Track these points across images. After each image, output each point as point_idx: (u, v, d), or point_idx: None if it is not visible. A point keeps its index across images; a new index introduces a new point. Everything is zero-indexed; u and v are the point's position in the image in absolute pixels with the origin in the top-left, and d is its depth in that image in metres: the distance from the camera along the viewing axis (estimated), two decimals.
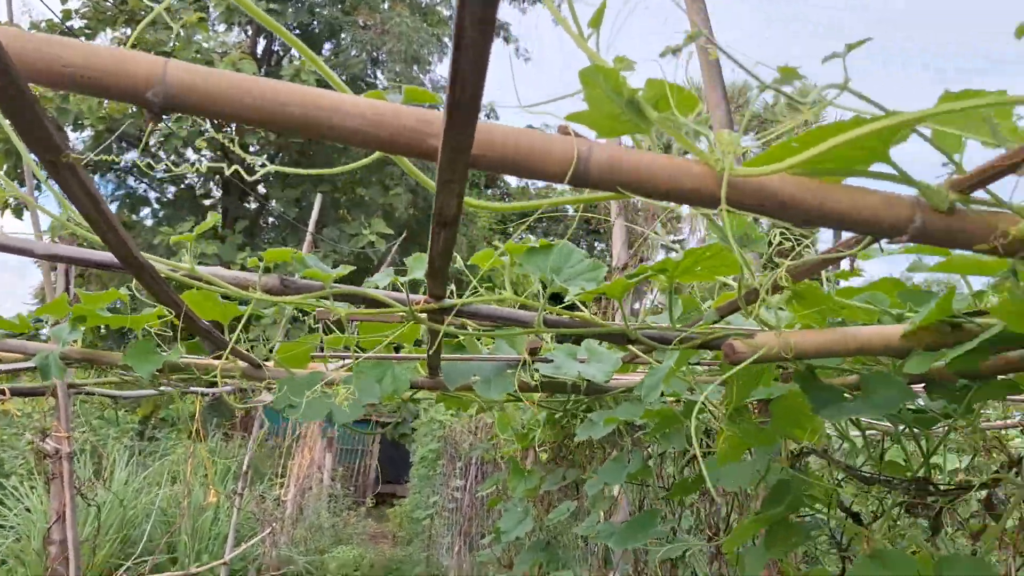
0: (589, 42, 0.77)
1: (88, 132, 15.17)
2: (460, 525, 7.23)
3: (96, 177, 18.85)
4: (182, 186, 19.07)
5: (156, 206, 18.92)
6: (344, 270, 1.09)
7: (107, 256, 0.91)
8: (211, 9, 16.12)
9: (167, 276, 0.98)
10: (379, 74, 17.94)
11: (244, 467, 5.76)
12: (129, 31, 16.45)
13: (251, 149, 16.84)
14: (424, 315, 1.05)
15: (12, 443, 7.52)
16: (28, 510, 5.97)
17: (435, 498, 9.09)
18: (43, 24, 16.51)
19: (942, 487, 1.27)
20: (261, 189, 18.78)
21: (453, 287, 1.10)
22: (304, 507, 8.85)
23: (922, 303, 1.09)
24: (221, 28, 17.42)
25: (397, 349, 1.70)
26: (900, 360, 1.08)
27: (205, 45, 14.74)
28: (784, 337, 1.03)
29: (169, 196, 19.16)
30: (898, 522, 1.34)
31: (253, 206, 19.40)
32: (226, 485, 6.97)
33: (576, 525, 3.84)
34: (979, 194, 0.75)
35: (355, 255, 14.71)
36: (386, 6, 17.77)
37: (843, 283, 1.30)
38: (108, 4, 16.54)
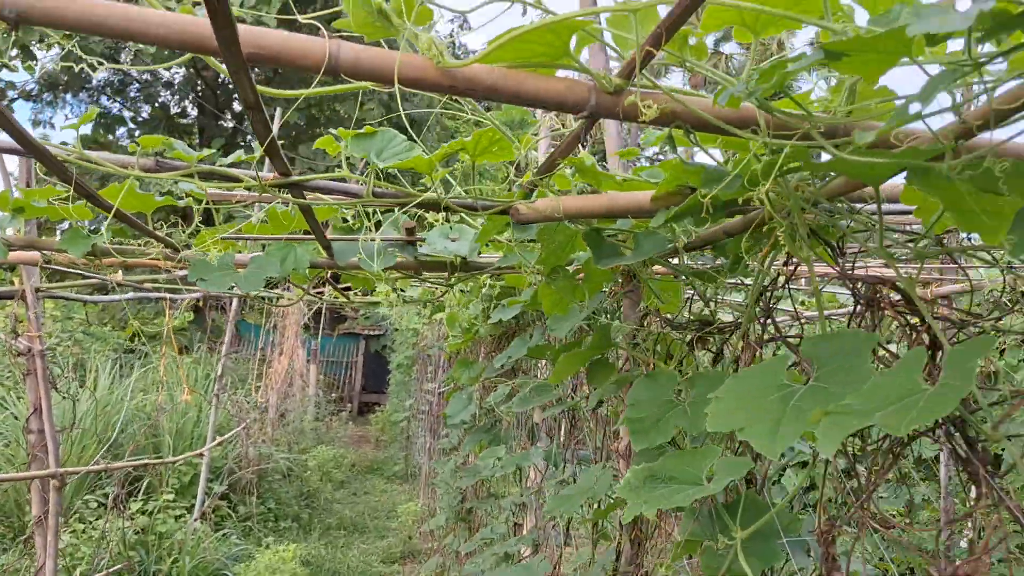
0: None
1: (56, 50, 14.99)
2: (431, 423, 7.69)
3: (68, 96, 18.66)
4: (156, 105, 18.95)
5: (131, 125, 18.84)
6: (206, 153, 1.36)
7: (11, 143, 1.17)
8: None
9: (63, 159, 1.25)
10: None
11: (218, 371, 6.14)
12: None
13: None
14: (275, 189, 1.32)
15: None
16: (15, 417, 6.34)
17: (410, 401, 9.55)
18: None
19: (718, 326, 1.58)
20: (236, 107, 18.68)
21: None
22: (286, 412, 9.31)
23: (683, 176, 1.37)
24: None
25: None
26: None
27: None
28: (556, 201, 1.32)
29: (144, 116, 19.06)
30: (692, 355, 1.66)
31: (229, 124, 19.34)
32: (207, 390, 7.36)
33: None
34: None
35: (330, 170, 14.83)
36: None
37: (628, 161, 1.57)
38: None
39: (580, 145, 1.27)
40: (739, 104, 0.93)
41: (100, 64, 1.19)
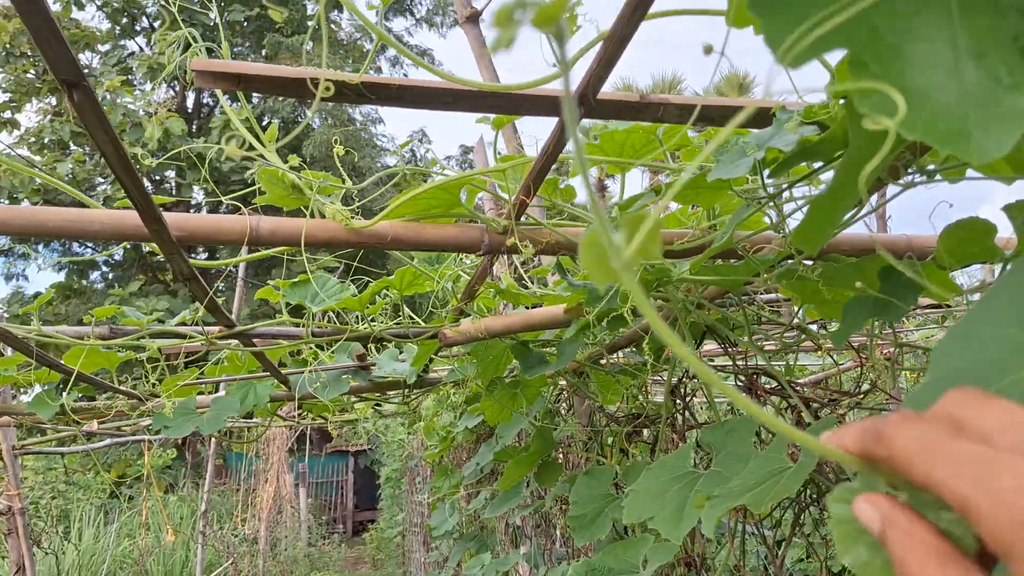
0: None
1: (25, 203, 15.33)
2: (424, 535, 7.58)
3: (40, 247, 18.88)
4: (128, 246, 19.17)
5: (104, 268, 19.01)
6: (154, 316, 1.49)
7: None
8: (135, 69, 16.34)
9: (24, 336, 1.37)
10: (307, 112, 18.30)
11: (203, 508, 6.09)
12: (54, 100, 16.64)
13: (194, 198, 17.11)
14: (222, 339, 1.45)
15: None
16: None
17: (402, 515, 9.42)
18: None
19: (649, 418, 1.70)
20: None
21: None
22: (277, 541, 9.13)
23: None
24: (148, 87, 17.64)
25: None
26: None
27: (131, 107, 14.95)
28: (479, 323, 1.45)
29: (117, 258, 19.25)
30: (632, 449, 1.77)
31: (202, 257, 19.59)
32: (194, 528, 7.25)
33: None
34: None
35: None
36: (309, 47, 18.13)
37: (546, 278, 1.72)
38: (30, 76, 16.69)
39: (518, 264, 1.42)
40: None
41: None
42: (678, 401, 1.52)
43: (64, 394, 1.84)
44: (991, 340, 0.41)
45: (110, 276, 18.62)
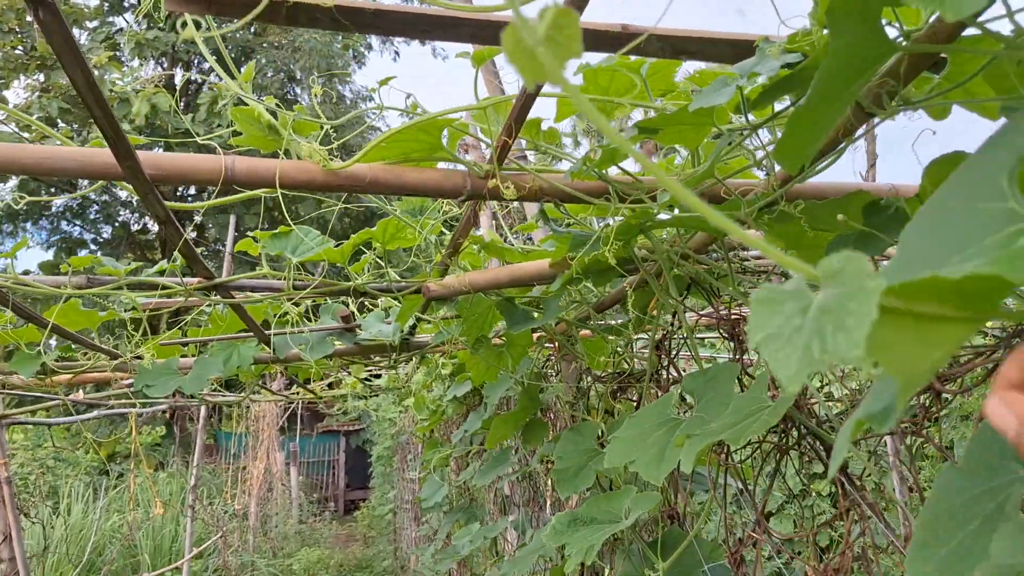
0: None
1: (13, 181, 15.20)
2: (415, 512, 7.61)
3: (28, 224, 18.74)
4: (117, 224, 19.07)
5: (93, 247, 18.88)
6: (133, 266, 1.47)
7: None
8: (122, 46, 16.16)
9: (1, 285, 1.35)
10: (297, 90, 18.15)
11: (192, 482, 6.08)
12: (42, 77, 16.45)
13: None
14: (201, 292, 1.43)
15: None
16: None
17: (393, 492, 9.44)
18: None
19: (635, 376, 1.69)
20: (197, 218, 18.88)
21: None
22: (268, 518, 9.15)
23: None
24: (136, 63, 17.46)
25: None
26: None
27: (120, 83, 14.79)
28: (464, 277, 1.44)
29: (106, 236, 19.14)
30: (618, 407, 1.76)
31: (192, 235, 19.46)
32: (183, 502, 7.25)
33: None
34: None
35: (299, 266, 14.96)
36: None
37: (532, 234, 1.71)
38: (18, 52, 16.49)
39: (500, 219, 1.40)
40: (587, 178, 1.07)
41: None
42: (663, 357, 1.52)
43: (45, 350, 1.82)
44: (961, 214, 0.40)
45: (99, 254, 18.51)
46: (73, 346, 1.98)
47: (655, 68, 1.10)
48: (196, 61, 17.88)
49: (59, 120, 15.98)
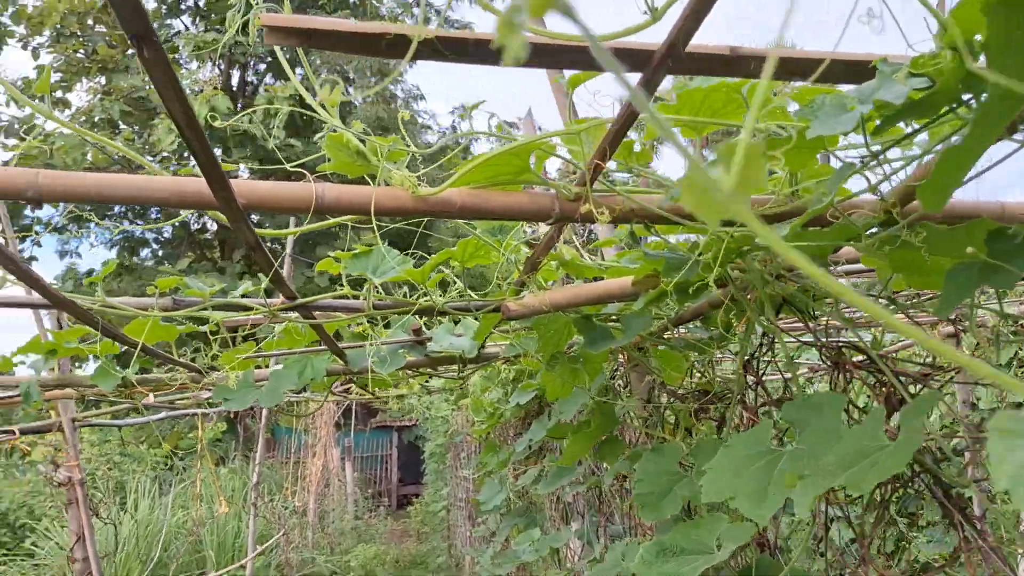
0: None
1: None
2: (469, 510, 7.64)
3: (92, 225, 19.29)
4: (177, 224, 19.54)
5: (155, 246, 19.38)
6: (219, 287, 1.47)
7: (41, 299, 1.29)
8: (181, 48, 16.52)
9: (89, 307, 1.36)
10: (351, 90, 18.35)
11: (254, 480, 6.19)
12: (103, 79, 16.92)
13: (240, 176, 17.31)
14: (284, 311, 1.43)
15: (40, 489, 7.99)
16: (60, 547, 6.40)
17: (446, 489, 9.49)
18: (19, 82, 16.98)
19: (718, 395, 1.64)
20: (254, 217, 19.24)
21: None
22: (325, 514, 9.28)
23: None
24: (194, 66, 17.83)
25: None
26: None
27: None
28: (543, 296, 1.41)
29: (166, 235, 19.62)
30: (699, 426, 1.71)
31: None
32: (245, 499, 7.39)
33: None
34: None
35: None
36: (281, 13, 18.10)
37: (608, 250, 1.67)
38: (80, 56, 16.99)
39: (573, 236, 1.37)
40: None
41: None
42: (751, 377, 1.47)
43: (126, 366, 1.85)
44: None
45: (160, 254, 18.97)
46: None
47: (753, 87, 1.05)
48: (251, 63, 18.20)
49: (120, 122, 16.43)
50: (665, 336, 1.70)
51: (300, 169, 1.13)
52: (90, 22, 17.22)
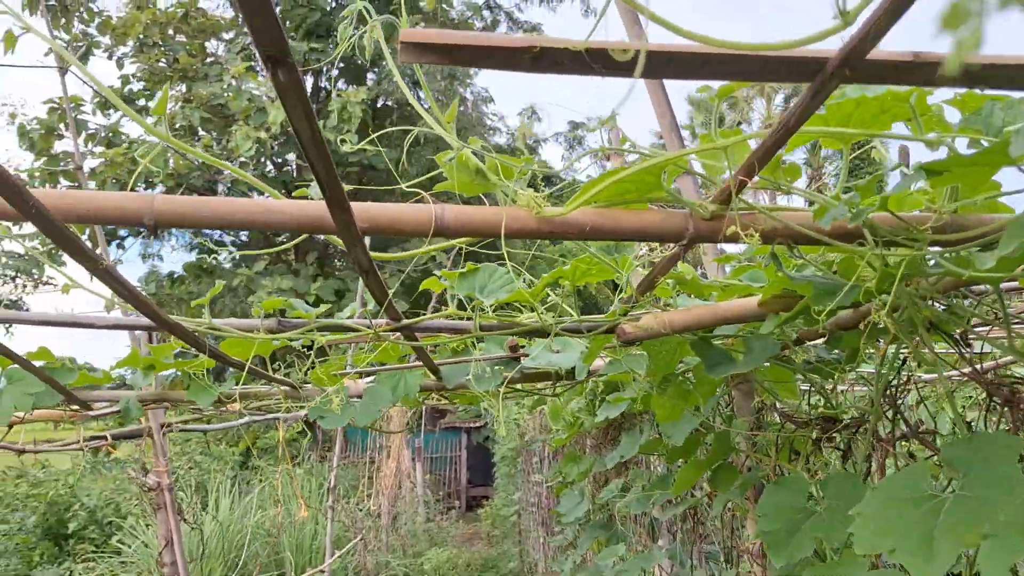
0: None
1: (160, 188, 16.24)
2: (542, 516, 7.57)
3: (172, 228, 19.94)
4: None
5: (232, 249, 19.89)
6: (323, 308, 1.43)
7: (147, 322, 1.26)
8: (258, 56, 16.89)
9: (195, 330, 1.34)
10: (421, 94, 18.49)
11: (331, 483, 6.24)
12: (184, 87, 17.45)
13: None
14: (389, 334, 1.38)
15: (125, 487, 8.25)
16: (146, 545, 6.58)
17: (518, 494, 9.44)
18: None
19: (843, 422, 1.53)
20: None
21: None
22: (398, 515, 9.34)
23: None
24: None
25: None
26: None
27: (256, 92, 15.49)
28: (662, 317, 1.32)
29: (243, 238, 20.13)
30: (816, 454, 1.60)
31: (321, 237, 20.21)
32: (321, 501, 7.48)
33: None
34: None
35: (420, 271, 15.27)
36: (422, 27, 18.28)
37: (726, 267, 1.57)
38: (161, 65, 17.56)
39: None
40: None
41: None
42: (888, 406, 1.35)
43: (219, 377, 1.84)
44: None
45: (237, 256, 19.49)
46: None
47: (922, 96, 0.95)
48: (325, 69, 18.51)
49: (200, 128, 16.92)
50: (785, 356, 1.59)
51: (416, 189, 1.07)
52: (171, 32, 17.78)
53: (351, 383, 2.09)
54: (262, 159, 15.16)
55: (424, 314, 1.45)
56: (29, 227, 0.94)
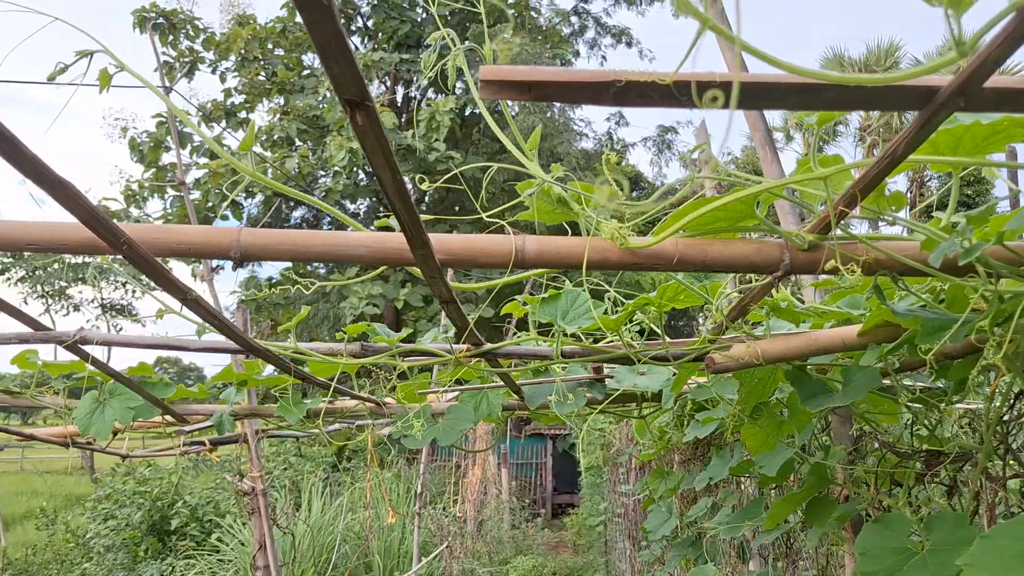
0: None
1: (259, 197, 16.86)
2: (628, 528, 7.46)
3: (258, 261, 20.65)
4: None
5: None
6: (405, 333, 1.43)
7: (234, 345, 1.29)
8: None
9: (281, 353, 1.36)
10: (509, 100, 18.55)
11: (419, 489, 6.31)
12: (282, 100, 18.08)
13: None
14: (469, 359, 1.36)
15: (224, 485, 8.56)
16: (242, 543, 6.80)
17: (604, 504, 9.34)
18: (209, 104, 18.45)
19: (950, 455, 1.43)
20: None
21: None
22: (483, 522, 9.39)
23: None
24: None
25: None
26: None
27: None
28: (754, 346, 1.26)
29: None
30: (919, 488, 1.50)
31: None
32: (408, 506, 7.58)
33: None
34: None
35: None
36: (508, 36, 18.41)
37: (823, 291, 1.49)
38: (261, 79, 18.23)
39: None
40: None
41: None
42: (1000, 442, 1.25)
43: (310, 396, 1.87)
44: None
45: (330, 266, 20.03)
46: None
47: (1014, 122, 0.87)
48: (415, 79, 18.83)
49: (296, 139, 17.48)
50: (887, 384, 1.50)
51: (496, 219, 1.05)
52: (270, 46, 18.45)
53: (434, 400, 2.10)
54: (355, 168, 15.53)
55: (509, 328, 1.44)
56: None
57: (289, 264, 19.89)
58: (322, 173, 17.26)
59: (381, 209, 19.78)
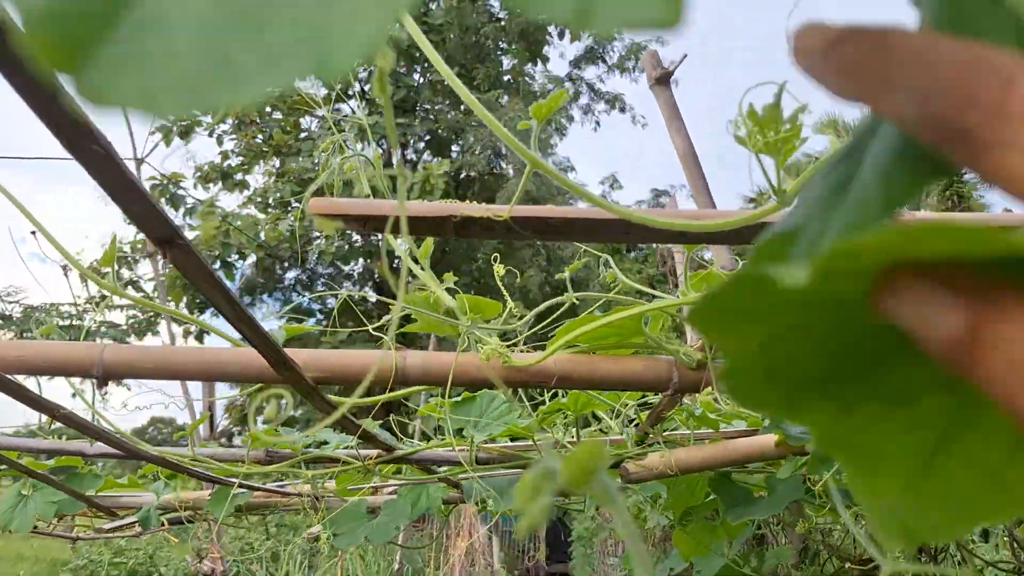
0: None
1: (252, 259, 16.90)
2: None
3: (265, 296, 20.68)
4: (337, 296, 20.52)
5: (320, 316, 20.43)
6: (309, 441, 1.38)
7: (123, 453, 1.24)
8: (346, 131, 17.57)
9: (179, 461, 1.31)
10: (503, 164, 18.79)
11: (395, 567, 6.14)
12: (278, 162, 18.26)
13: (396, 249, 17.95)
14: (377, 466, 1.31)
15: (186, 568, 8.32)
16: None
17: None
18: (205, 167, 18.64)
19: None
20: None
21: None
22: None
23: None
24: (359, 147, 18.88)
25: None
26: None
27: (344, 166, 16.03)
28: (668, 457, 1.21)
29: (330, 305, 20.65)
30: None
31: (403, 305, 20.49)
32: None
33: None
34: None
35: (500, 334, 15.24)
36: (504, 100, 18.72)
37: None
38: (257, 141, 18.45)
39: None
40: None
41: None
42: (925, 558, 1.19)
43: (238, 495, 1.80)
44: None
45: (323, 323, 19.98)
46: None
47: None
48: (411, 142, 19.08)
49: (292, 201, 17.56)
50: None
51: (381, 335, 1.01)
52: (268, 109, 18.72)
53: (371, 495, 2.03)
54: (347, 231, 15.59)
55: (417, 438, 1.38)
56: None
57: (283, 322, 19.86)
58: (316, 234, 17.32)
59: (375, 272, 19.83)
